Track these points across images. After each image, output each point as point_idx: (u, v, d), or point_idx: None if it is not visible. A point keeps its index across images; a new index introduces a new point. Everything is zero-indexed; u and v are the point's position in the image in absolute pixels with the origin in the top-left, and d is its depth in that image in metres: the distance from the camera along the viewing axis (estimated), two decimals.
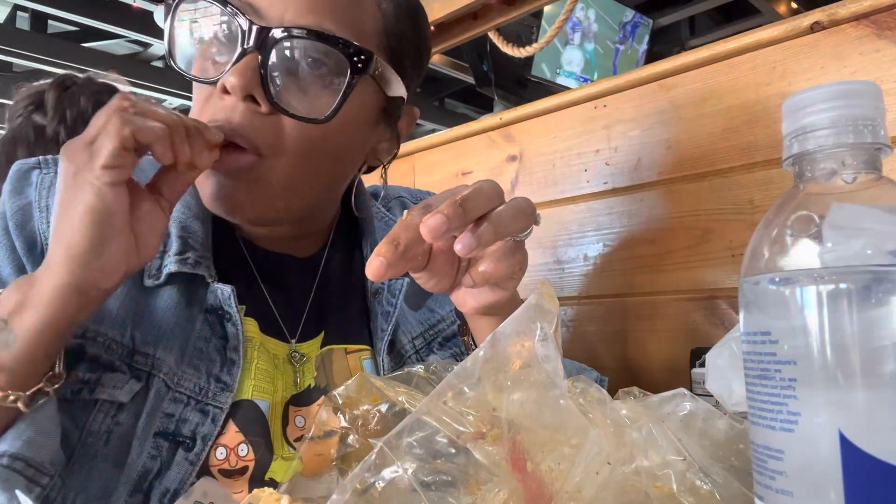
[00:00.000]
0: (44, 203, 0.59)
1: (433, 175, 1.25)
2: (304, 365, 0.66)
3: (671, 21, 4.90)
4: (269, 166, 0.57)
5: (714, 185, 0.86)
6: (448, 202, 0.46)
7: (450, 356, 0.72)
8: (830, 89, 0.33)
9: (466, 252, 0.47)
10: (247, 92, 0.55)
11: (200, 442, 0.57)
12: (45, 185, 0.61)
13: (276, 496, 0.38)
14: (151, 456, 0.56)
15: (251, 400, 0.61)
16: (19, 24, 4.90)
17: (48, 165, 0.62)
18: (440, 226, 0.44)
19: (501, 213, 0.49)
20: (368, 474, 0.36)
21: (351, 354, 0.69)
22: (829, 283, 0.30)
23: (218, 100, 0.56)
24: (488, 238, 0.48)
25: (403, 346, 0.70)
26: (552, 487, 0.38)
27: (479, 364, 0.40)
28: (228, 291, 0.61)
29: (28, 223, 0.59)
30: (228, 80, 0.54)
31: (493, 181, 0.50)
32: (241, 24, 0.54)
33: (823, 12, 0.77)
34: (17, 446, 0.48)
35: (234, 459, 0.59)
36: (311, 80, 0.57)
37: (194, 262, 0.60)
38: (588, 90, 1.00)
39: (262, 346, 0.64)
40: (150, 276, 0.60)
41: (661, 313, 0.91)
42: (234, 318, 0.61)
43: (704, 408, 0.48)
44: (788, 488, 0.31)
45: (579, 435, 0.39)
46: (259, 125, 0.56)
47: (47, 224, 0.58)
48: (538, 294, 0.43)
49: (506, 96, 4.06)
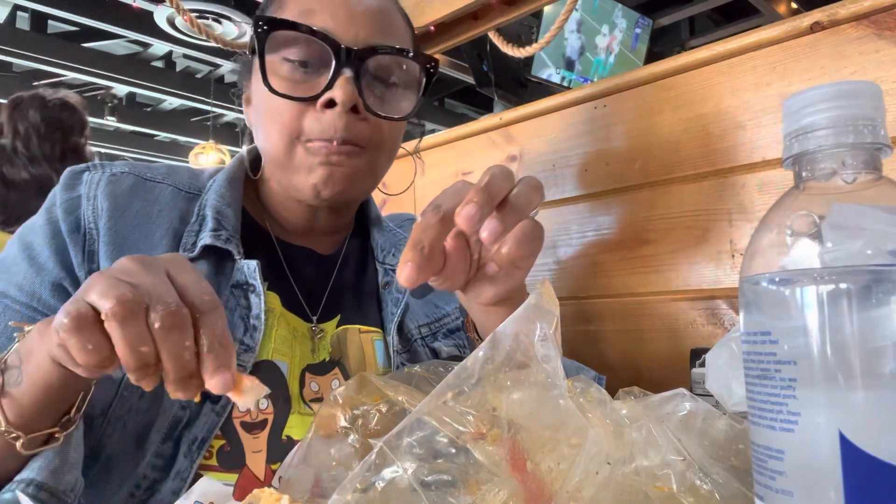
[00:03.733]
0: (92, 194, 0.67)
1: (433, 175, 1.25)
2: (321, 340, 0.73)
3: (671, 21, 4.90)
4: (367, 158, 0.68)
5: (714, 185, 0.86)
6: (474, 191, 0.48)
7: (453, 346, 0.78)
8: (830, 89, 0.33)
9: (494, 237, 0.49)
10: (352, 104, 0.64)
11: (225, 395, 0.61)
12: (94, 181, 0.68)
13: (277, 496, 0.38)
14: (182, 406, 0.61)
15: (272, 360, 0.67)
16: (19, 24, 4.90)
17: (96, 168, 0.70)
18: (475, 213, 0.47)
19: (519, 194, 0.51)
20: (368, 474, 0.36)
21: (364, 334, 0.75)
22: (829, 283, 0.30)
23: (317, 112, 0.65)
24: (512, 220, 0.50)
25: (410, 330, 0.77)
26: (552, 487, 0.38)
27: (479, 364, 0.40)
28: (254, 265, 0.67)
29: (76, 210, 0.66)
30: (336, 96, 0.63)
31: (501, 165, 0.52)
32: (330, 47, 0.63)
33: (823, 12, 0.77)
34: (44, 476, 0.49)
35: (254, 412, 0.64)
36: (394, 86, 0.68)
37: (226, 239, 0.67)
38: (588, 90, 1.00)
39: (283, 318, 0.70)
40: (185, 249, 0.66)
41: (661, 313, 0.91)
42: (257, 289, 0.66)
43: (704, 408, 0.48)
44: (788, 488, 0.31)
45: (579, 435, 0.39)
46: (361, 129, 0.66)
47: (92, 211, 0.66)
48: (538, 294, 0.43)
49: (506, 96, 4.06)
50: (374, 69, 0.67)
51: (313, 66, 0.65)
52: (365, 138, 0.67)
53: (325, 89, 0.64)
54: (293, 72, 0.65)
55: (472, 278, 0.57)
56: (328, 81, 0.64)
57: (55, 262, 0.63)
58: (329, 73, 0.64)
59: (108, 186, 0.67)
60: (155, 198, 0.70)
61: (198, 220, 0.69)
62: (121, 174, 0.70)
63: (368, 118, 0.66)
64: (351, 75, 0.64)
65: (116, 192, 0.67)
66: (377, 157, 0.70)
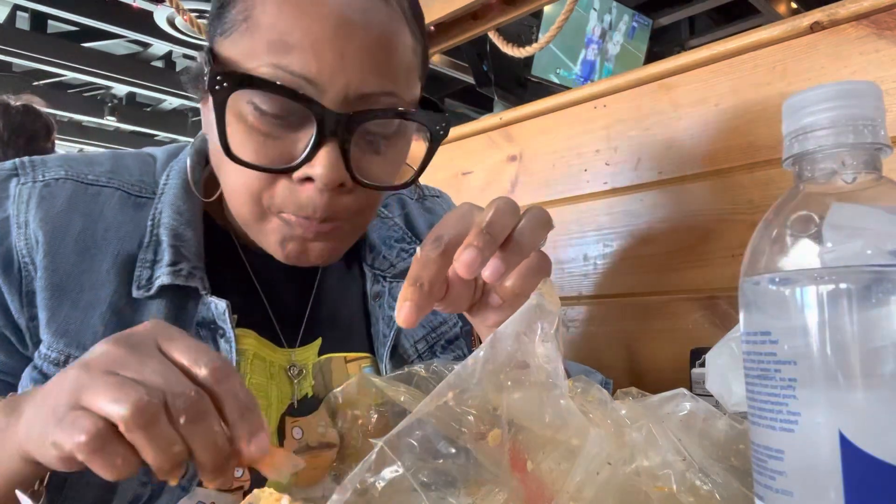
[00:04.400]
0: (22, 218, 0.56)
1: (433, 175, 1.25)
2: (302, 378, 0.65)
3: (671, 21, 4.90)
4: (349, 228, 0.58)
5: (714, 185, 0.86)
6: (474, 232, 0.44)
7: (453, 359, 0.70)
8: (830, 89, 0.33)
9: (495, 278, 0.45)
10: (336, 182, 0.52)
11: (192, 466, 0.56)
12: (23, 198, 0.57)
13: (277, 496, 0.38)
14: (142, 483, 0.54)
15: None
16: (19, 24, 4.90)
17: (26, 172, 0.59)
18: (475, 259, 0.43)
19: (524, 231, 0.47)
20: (368, 474, 0.36)
21: (350, 363, 0.68)
22: (829, 283, 0.30)
23: (293, 184, 0.53)
24: (516, 259, 0.46)
25: (406, 350, 0.69)
26: (552, 487, 0.38)
27: (480, 364, 0.40)
28: (223, 307, 0.58)
29: (5, 239, 0.56)
30: (317, 174, 0.52)
31: (507, 198, 0.48)
32: (311, 110, 0.51)
33: (823, 12, 0.77)
34: None
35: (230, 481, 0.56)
36: (388, 150, 0.57)
37: (187, 274, 0.58)
38: (588, 90, 1.00)
39: (257, 358, 0.62)
40: (139, 287, 0.57)
41: (661, 313, 0.91)
42: (227, 333, 0.58)
43: (704, 408, 0.48)
44: (788, 488, 0.31)
45: (580, 435, 0.39)
46: (347, 203, 0.55)
47: (25, 242, 0.55)
48: (539, 294, 0.43)
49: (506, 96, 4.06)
50: (367, 132, 0.55)
51: (288, 122, 0.53)
52: (352, 210, 0.56)
53: (303, 161, 0.52)
54: (262, 125, 0.52)
55: (478, 303, 0.52)
56: (307, 151, 0.51)
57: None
58: (308, 140, 0.51)
59: (41, 205, 0.57)
60: (99, 210, 0.59)
61: (151, 244, 0.59)
62: (55, 182, 0.58)
63: (356, 189, 0.55)
64: (336, 146, 0.52)
65: (52, 212, 0.57)
66: (365, 219, 0.60)
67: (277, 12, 0.51)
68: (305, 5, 0.51)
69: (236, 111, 0.52)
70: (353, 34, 0.51)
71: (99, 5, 4.56)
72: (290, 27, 0.51)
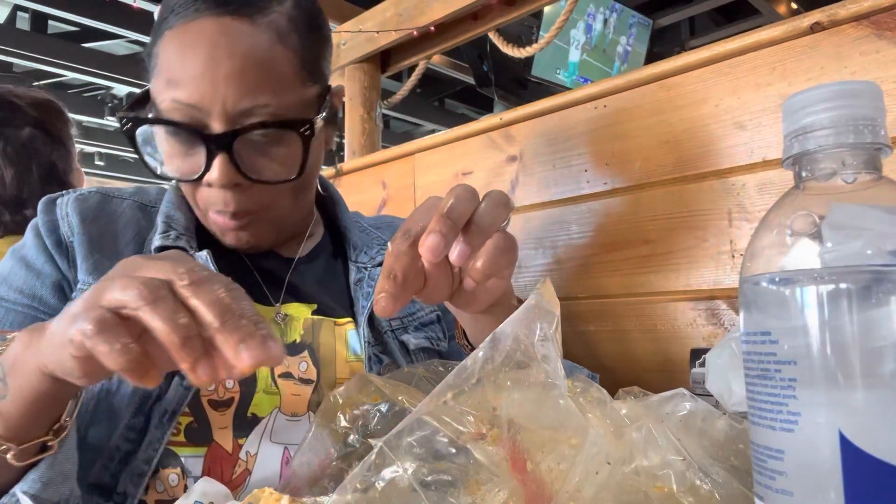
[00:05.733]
0: (64, 213, 0.73)
1: (433, 175, 1.25)
2: (292, 322, 0.73)
3: (671, 21, 4.90)
4: (265, 217, 0.70)
5: (714, 185, 0.86)
6: (436, 219, 0.48)
7: (423, 338, 0.79)
8: (830, 89, 0.33)
9: (462, 260, 0.49)
10: (231, 184, 0.65)
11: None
12: (64, 203, 0.74)
13: (277, 496, 0.38)
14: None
15: None
16: (19, 25, 4.89)
17: (67, 193, 0.76)
18: (438, 243, 0.47)
19: (483, 213, 0.51)
20: (368, 474, 0.36)
21: (339, 327, 0.76)
22: (829, 283, 0.30)
23: (205, 188, 0.67)
24: (479, 240, 0.51)
25: (380, 322, 0.77)
26: (552, 487, 0.38)
27: (479, 364, 0.40)
28: (205, 255, 0.69)
29: (56, 230, 0.72)
30: (212, 179, 0.64)
31: (464, 185, 0.52)
32: (198, 135, 0.63)
33: (823, 12, 0.77)
34: (37, 488, 0.49)
35: (221, 391, 0.66)
36: (275, 151, 0.67)
37: (175, 237, 0.70)
38: (588, 90, 1.00)
39: None
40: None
41: (661, 313, 0.91)
42: None
43: (704, 408, 0.48)
44: (788, 488, 0.31)
45: (579, 435, 0.39)
46: (248, 197, 0.67)
47: (68, 227, 0.71)
48: (538, 294, 0.43)
49: (506, 97, 4.06)
50: (249, 140, 0.65)
51: (189, 142, 0.65)
52: (259, 203, 0.68)
53: (204, 171, 0.64)
54: (173, 149, 0.66)
55: (457, 290, 0.57)
56: (204, 164, 0.64)
57: (51, 267, 0.69)
58: (203, 154, 0.64)
59: (76, 203, 0.73)
60: (121, 212, 0.75)
61: (154, 229, 0.73)
62: (88, 194, 0.75)
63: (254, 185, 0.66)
64: (224, 154, 0.63)
65: (85, 206, 0.73)
66: (282, 209, 0.71)
67: (169, 55, 0.64)
68: (185, 45, 0.63)
69: (158, 138, 0.67)
70: (220, 63, 0.62)
71: (99, 5, 4.56)
72: (177, 66, 0.63)
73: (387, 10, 2.08)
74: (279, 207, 0.71)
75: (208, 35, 0.63)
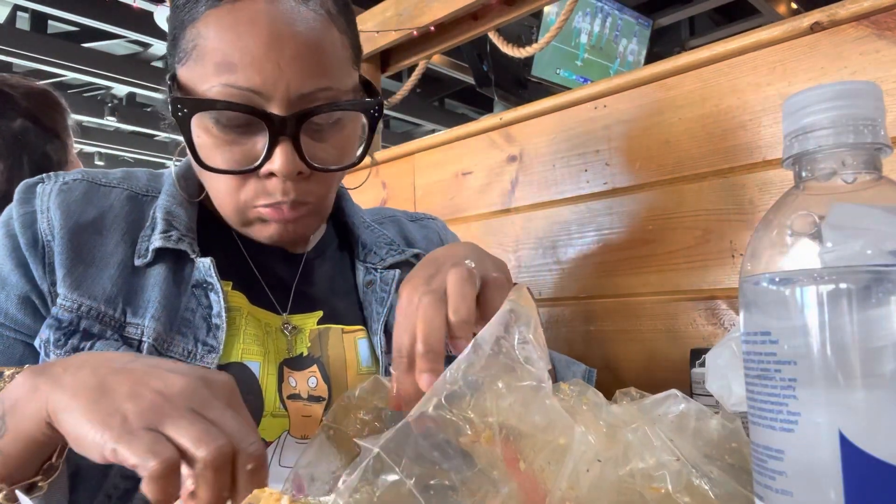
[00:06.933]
0: (45, 206, 0.66)
1: (433, 175, 1.25)
2: (298, 335, 0.70)
3: (671, 21, 4.90)
4: (316, 207, 0.67)
5: (714, 185, 0.86)
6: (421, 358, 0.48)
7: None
8: (830, 89, 0.33)
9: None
10: (295, 172, 0.61)
11: None
12: (46, 192, 0.67)
13: (277, 496, 0.38)
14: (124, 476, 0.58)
15: (240, 362, 0.65)
16: (19, 25, 4.89)
17: (49, 178, 0.69)
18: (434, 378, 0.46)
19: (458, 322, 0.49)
20: (366, 478, 0.36)
21: (347, 335, 0.73)
22: (829, 283, 0.30)
23: (259, 181, 0.62)
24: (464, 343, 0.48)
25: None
26: (545, 486, 0.38)
27: (462, 371, 0.41)
28: (208, 263, 0.65)
29: (32, 225, 0.65)
30: (276, 168, 0.60)
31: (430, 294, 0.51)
32: (261, 118, 0.59)
33: (823, 12, 0.76)
34: None
35: None
36: (335, 137, 0.64)
37: (177, 239, 0.66)
38: (588, 90, 1.00)
39: (251, 316, 0.68)
40: (139, 257, 0.65)
41: (661, 313, 0.91)
42: (215, 286, 0.65)
43: (696, 408, 0.48)
44: (788, 488, 0.31)
45: (566, 434, 0.40)
46: (310, 187, 0.64)
47: (47, 224, 0.65)
48: (512, 301, 0.45)
49: (506, 96, 4.06)
50: (312, 125, 0.62)
51: (245, 129, 0.61)
52: (315, 192, 0.65)
53: (264, 160, 0.60)
54: (224, 135, 0.61)
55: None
56: (265, 152, 0.60)
57: (19, 276, 0.62)
58: (265, 142, 0.60)
59: (59, 196, 0.66)
60: (109, 204, 0.68)
61: (150, 223, 0.67)
62: (73, 182, 0.68)
63: (315, 173, 0.64)
64: (289, 141, 0.60)
65: (69, 200, 0.66)
66: (329, 198, 0.69)
67: (219, 38, 0.59)
68: (241, 28, 0.59)
69: (203, 127, 0.61)
70: (285, 45, 0.59)
71: (99, 5, 4.56)
72: (231, 49, 0.59)
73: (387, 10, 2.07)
74: (329, 197, 0.69)
75: (265, 16, 0.59)
